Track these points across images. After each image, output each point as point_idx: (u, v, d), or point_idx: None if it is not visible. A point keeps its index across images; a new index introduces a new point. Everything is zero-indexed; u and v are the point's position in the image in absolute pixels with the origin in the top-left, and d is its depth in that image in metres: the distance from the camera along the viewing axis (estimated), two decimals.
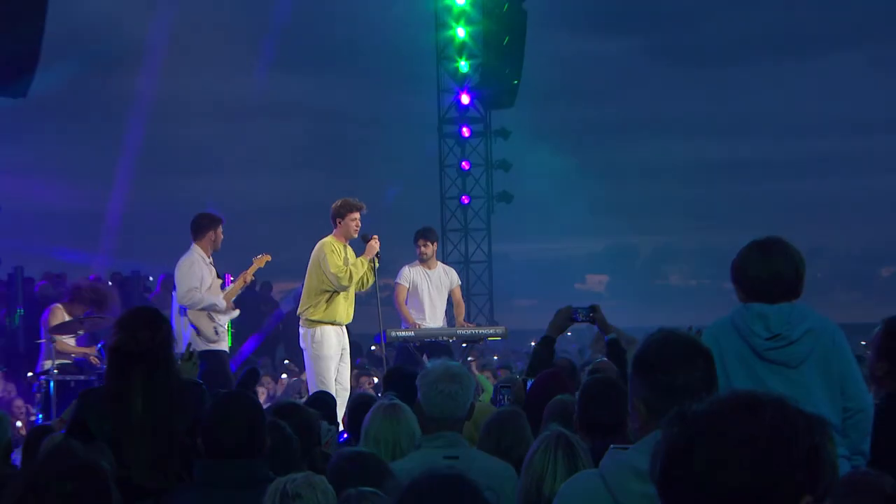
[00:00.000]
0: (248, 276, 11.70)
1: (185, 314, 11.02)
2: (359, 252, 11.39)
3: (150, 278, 19.00)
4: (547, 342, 7.95)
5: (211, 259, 11.27)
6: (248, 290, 15.13)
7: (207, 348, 10.93)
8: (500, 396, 8.16)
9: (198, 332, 10.97)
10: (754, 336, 4.41)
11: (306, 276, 11.30)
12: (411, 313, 12.38)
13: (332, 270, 10.93)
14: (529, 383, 7.68)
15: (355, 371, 13.60)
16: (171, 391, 5.14)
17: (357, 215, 11.15)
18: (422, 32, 25.08)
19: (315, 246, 11.27)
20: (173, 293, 11.73)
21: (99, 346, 11.39)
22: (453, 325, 13.01)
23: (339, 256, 11.04)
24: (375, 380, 13.53)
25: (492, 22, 23.90)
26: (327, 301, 11.08)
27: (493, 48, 24.05)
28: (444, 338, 12.25)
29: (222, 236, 11.41)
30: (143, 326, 5.21)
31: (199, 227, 11.29)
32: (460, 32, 24.26)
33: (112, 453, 4.90)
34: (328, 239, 11.17)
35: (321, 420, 6.38)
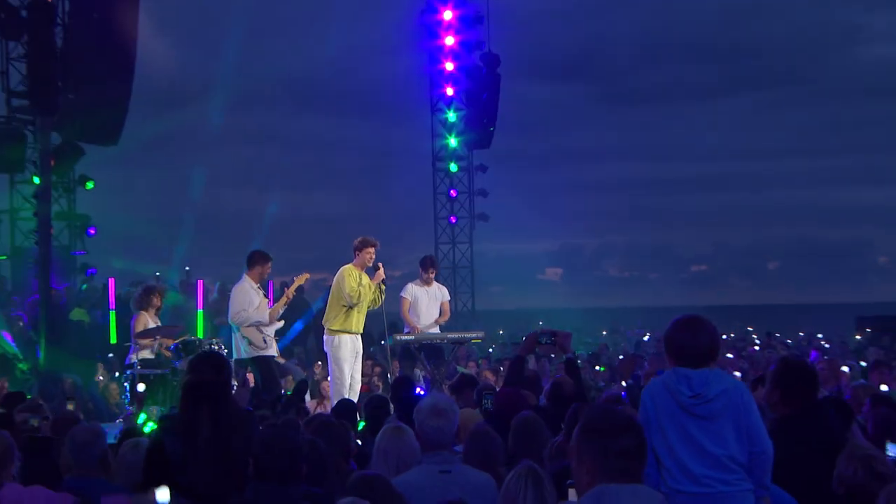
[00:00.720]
0: (290, 293, 11.56)
1: (239, 330, 10.94)
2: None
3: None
4: (518, 361, 7.88)
5: (258, 285, 11.16)
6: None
7: (258, 354, 10.86)
8: (485, 400, 8.07)
9: (250, 342, 10.87)
10: (680, 394, 4.34)
11: (329, 294, 11.25)
12: (412, 318, 12.24)
13: (346, 290, 10.86)
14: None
15: (368, 361, 13.52)
16: (230, 419, 5.08)
17: (372, 250, 11.05)
18: (420, 90, 25.16)
19: (339, 271, 11.16)
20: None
21: (172, 346, 11.30)
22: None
23: (354, 280, 10.93)
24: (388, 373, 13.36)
25: (473, 83, 23.90)
26: (345, 314, 10.96)
27: (474, 103, 24.06)
28: (437, 340, 12.13)
29: (269, 270, 11.34)
30: (209, 369, 5.17)
31: (253, 261, 11.18)
32: (449, 91, 24.20)
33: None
34: (348, 266, 11.07)
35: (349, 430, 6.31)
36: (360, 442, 6.87)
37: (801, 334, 21.79)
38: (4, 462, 4.47)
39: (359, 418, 8.44)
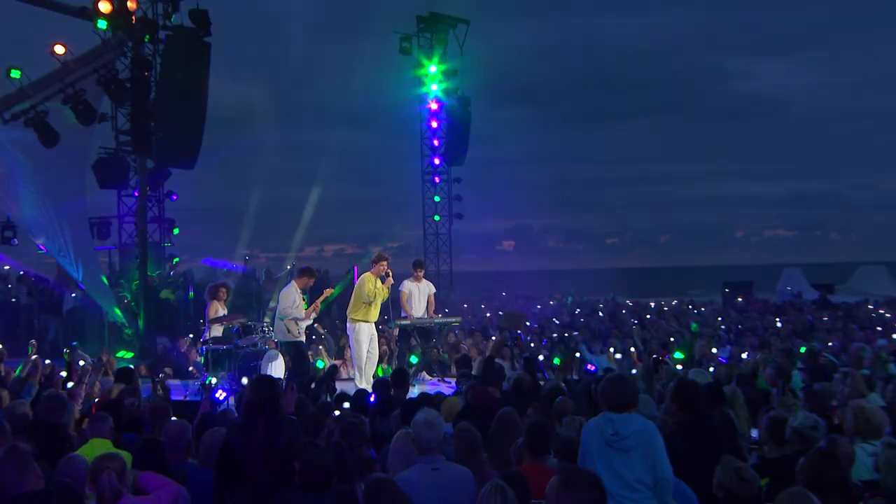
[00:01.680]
0: (318, 304, 11.37)
1: (283, 320, 10.82)
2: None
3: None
4: (490, 360, 7.75)
5: (301, 290, 11.04)
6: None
7: (294, 340, 10.78)
8: (461, 383, 7.91)
9: (289, 330, 10.76)
10: (605, 432, 4.25)
11: (353, 293, 11.13)
12: (408, 307, 12.07)
13: (365, 292, 10.80)
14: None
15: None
16: (278, 426, 4.94)
17: (385, 263, 11.06)
18: (413, 123, 24.72)
19: (360, 276, 11.16)
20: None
21: (234, 328, 11.16)
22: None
23: (372, 285, 10.89)
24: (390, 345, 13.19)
25: (451, 117, 23.58)
26: (365, 309, 10.88)
27: (452, 132, 23.74)
28: (427, 324, 11.98)
29: (311, 283, 11.29)
30: (263, 388, 5.02)
31: (301, 273, 11.12)
32: (434, 124, 23.89)
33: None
34: (367, 274, 11.07)
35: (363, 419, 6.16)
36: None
37: (691, 308, 21.50)
38: (122, 478, 4.32)
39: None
